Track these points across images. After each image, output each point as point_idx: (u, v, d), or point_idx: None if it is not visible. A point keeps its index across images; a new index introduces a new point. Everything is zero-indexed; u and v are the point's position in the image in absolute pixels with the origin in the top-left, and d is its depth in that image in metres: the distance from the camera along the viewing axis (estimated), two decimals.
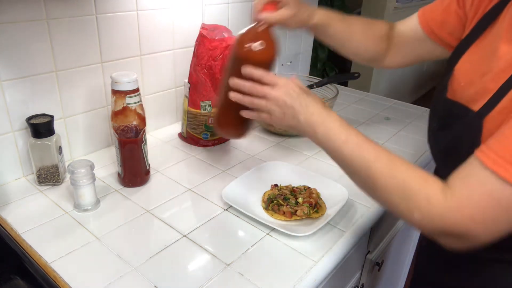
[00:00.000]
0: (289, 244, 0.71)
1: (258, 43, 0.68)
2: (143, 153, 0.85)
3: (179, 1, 1.06)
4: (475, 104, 0.59)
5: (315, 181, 0.87)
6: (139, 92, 0.81)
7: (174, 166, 0.96)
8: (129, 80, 0.79)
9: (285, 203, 0.79)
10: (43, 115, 0.84)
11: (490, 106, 0.56)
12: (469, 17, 0.70)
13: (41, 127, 0.81)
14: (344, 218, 0.79)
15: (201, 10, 1.13)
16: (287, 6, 0.74)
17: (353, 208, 0.82)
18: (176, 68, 1.13)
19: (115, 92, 0.80)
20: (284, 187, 0.84)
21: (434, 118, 0.71)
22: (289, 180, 0.88)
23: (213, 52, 0.97)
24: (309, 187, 0.84)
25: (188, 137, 1.07)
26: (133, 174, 0.86)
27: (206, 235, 0.73)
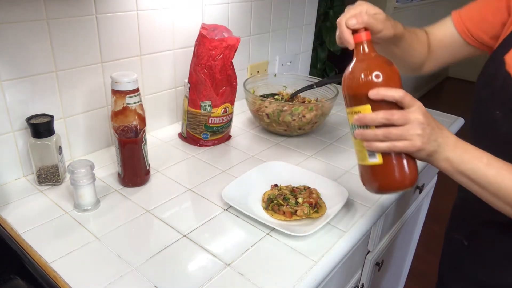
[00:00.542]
0: (289, 244, 0.71)
1: (376, 66, 0.60)
2: (143, 153, 0.85)
3: (179, 1, 1.06)
4: None
5: (315, 181, 0.87)
6: (139, 92, 0.82)
7: (174, 166, 0.96)
8: (129, 80, 0.79)
9: (285, 203, 0.79)
10: (43, 115, 0.84)
11: None
12: None
13: (41, 127, 0.81)
14: (344, 218, 0.79)
15: (201, 10, 1.13)
16: (379, 24, 0.67)
17: (353, 208, 0.82)
18: (176, 68, 1.13)
19: (115, 92, 0.80)
20: (284, 187, 0.84)
21: (495, 105, 0.67)
22: (289, 180, 0.88)
23: (213, 52, 0.97)
24: (309, 187, 0.84)
25: (188, 137, 1.07)
26: (133, 174, 0.86)
27: (206, 235, 0.73)
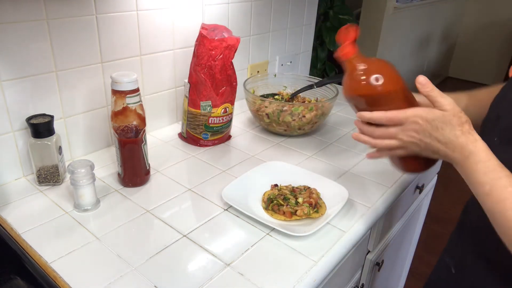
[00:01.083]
0: (289, 244, 0.71)
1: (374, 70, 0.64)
2: (143, 153, 0.85)
3: (179, 1, 1.06)
4: None
5: (315, 181, 0.87)
6: (139, 92, 0.82)
7: (174, 166, 0.96)
8: (129, 80, 0.79)
9: (285, 203, 0.79)
10: (43, 115, 0.84)
11: None
12: None
13: (41, 127, 0.81)
14: (344, 218, 0.79)
15: (201, 10, 1.13)
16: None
17: (353, 208, 0.82)
18: (176, 68, 1.13)
19: (115, 92, 0.80)
20: (284, 187, 0.84)
21: (492, 133, 0.66)
22: (289, 180, 0.88)
23: (213, 52, 0.97)
24: (309, 187, 0.84)
25: (188, 137, 1.07)
26: (133, 174, 0.86)
27: (206, 235, 0.73)
